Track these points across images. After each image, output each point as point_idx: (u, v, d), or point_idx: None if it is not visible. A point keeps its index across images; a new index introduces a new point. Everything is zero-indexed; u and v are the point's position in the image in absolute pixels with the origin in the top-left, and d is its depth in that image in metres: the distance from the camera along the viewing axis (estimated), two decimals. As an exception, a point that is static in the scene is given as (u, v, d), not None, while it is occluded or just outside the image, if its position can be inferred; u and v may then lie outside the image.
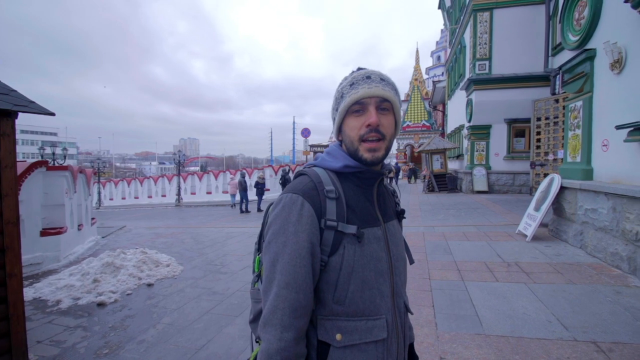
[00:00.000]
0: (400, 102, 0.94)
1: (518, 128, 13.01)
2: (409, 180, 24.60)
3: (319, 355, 0.85)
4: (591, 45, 4.99)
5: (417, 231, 6.90)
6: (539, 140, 10.33)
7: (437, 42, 49.11)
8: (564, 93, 8.00)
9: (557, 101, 9.29)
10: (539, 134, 10.25)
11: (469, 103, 13.77)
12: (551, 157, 9.89)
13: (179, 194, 20.91)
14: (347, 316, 0.85)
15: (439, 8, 23.22)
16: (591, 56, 4.90)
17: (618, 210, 4.20)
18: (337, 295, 0.84)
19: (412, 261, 1.08)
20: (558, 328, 2.82)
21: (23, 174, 5.36)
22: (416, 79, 35.79)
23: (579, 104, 5.32)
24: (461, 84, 15.33)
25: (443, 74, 31.79)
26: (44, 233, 5.71)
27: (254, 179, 14.57)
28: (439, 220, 8.25)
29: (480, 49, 12.74)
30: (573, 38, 5.44)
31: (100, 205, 24.52)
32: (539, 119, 10.18)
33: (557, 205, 5.91)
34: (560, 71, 5.85)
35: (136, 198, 26.71)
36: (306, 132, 22.79)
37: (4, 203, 2.54)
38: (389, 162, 1.04)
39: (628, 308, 3.12)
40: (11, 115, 2.57)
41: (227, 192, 17.94)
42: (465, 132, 14.86)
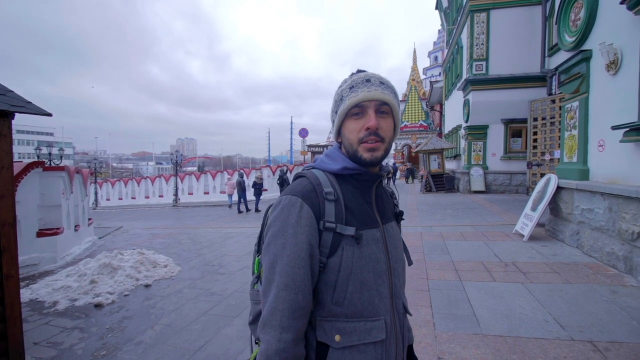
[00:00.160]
0: (399, 105, 0.95)
1: (515, 128, 13.07)
2: (407, 180, 24.66)
3: (318, 356, 0.85)
4: (587, 46, 5.02)
5: (415, 231, 6.91)
6: (535, 141, 10.39)
7: (435, 42, 49.21)
8: (560, 93, 8.04)
9: (554, 101, 9.35)
10: (535, 134, 10.31)
11: (466, 103, 13.82)
12: (548, 157, 9.95)
13: (176, 194, 20.84)
14: (345, 317, 0.85)
15: (436, 9, 23.29)
16: (587, 57, 4.93)
17: (614, 210, 4.24)
18: (335, 297, 0.85)
19: (410, 262, 1.08)
20: (555, 327, 2.84)
21: (19, 175, 5.33)
22: (414, 79, 35.89)
23: (575, 104, 5.36)
24: (458, 84, 15.39)
25: (440, 74, 31.88)
26: (41, 234, 5.68)
27: (251, 179, 14.56)
28: (436, 220, 8.28)
29: (478, 49, 12.79)
30: (569, 39, 5.48)
31: (97, 206, 24.41)
32: (535, 119, 10.24)
33: (553, 205, 5.94)
34: (557, 72, 5.89)
35: (133, 198, 26.60)
36: (304, 132, 22.79)
37: (1, 204, 2.52)
38: (387, 163, 1.04)
39: (624, 307, 3.14)
40: (8, 115, 2.55)
41: (224, 193, 17.90)
42: (462, 132, 14.91)
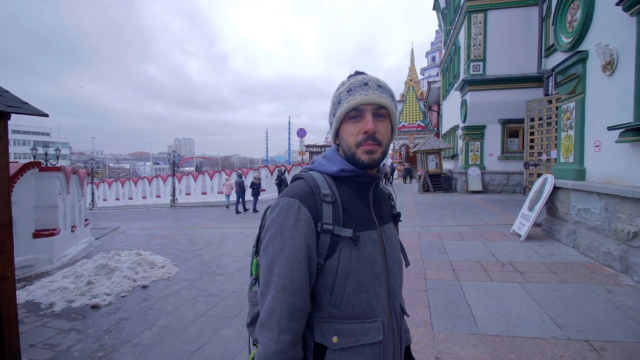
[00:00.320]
0: (397, 108, 0.96)
1: (512, 128, 13.12)
2: (405, 180, 24.71)
3: (316, 357, 0.86)
4: (583, 47, 5.05)
5: (413, 231, 6.93)
6: (532, 141, 10.44)
7: (432, 42, 49.37)
8: (556, 94, 8.08)
9: (550, 102, 9.39)
10: (532, 134, 10.36)
11: (464, 103, 13.87)
12: (544, 157, 10.00)
13: (173, 194, 20.77)
14: (343, 319, 0.86)
15: (433, 9, 23.35)
16: (583, 58, 4.96)
17: (610, 210, 4.26)
18: (333, 298, 0.85)
19: (407, 263, 1.09)
20: (552, 327, 2.86)
21: (15, 175, 5.29)
22: (411, 80, 35.99)
23: (572, 105, 5.39)
24: (456, 84, 15.44)
25: (438, 75, 32.00)
26: (37, 235, 5.64)
27: (249, 180, 14.54)
28: (434, 220, 8.30)
29: (475, 50, 12.84)
30: (566, 40, 5.51)
31: (93, 206, 24.30)
32: (532, 120, 10.28)
33: (550, 205, 5.97)
34: (554, 72, 5.92)
35: (130, 199, 26.51)
36: (302, 132, 22.78)
37: (-4, 205, 2.51)
38: (384, 164, 1.05)
39: (620, 307, 3.17)
40: (4, 116, 2.53)
41: (222, 193, 17.87)
42: (459, 132, 14.95)
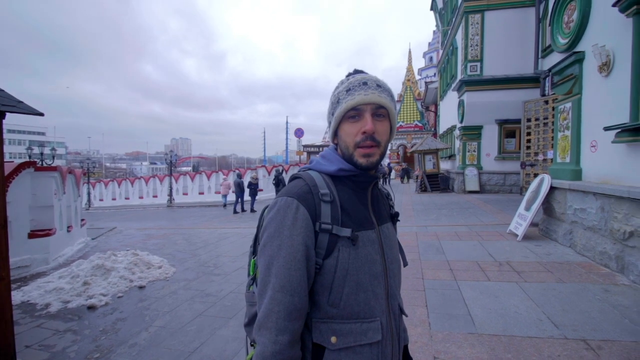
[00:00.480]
0: (396, 107, 0.95)
1: (509, 129, 13.18)
2: (402, 180, 24.75)
3: (314, 358, 0.85)
4: (580, 48, 5.07)
5: (410, 231, 6.94)
6: (529, 141, 10.48)
7: (429, 43, 49.50)
8: (553, 94, 8.13)
9: (547, 102, 9.44)
10: (529, 134, 10.41)
11: (461, 104, 13.91)
12: (541, 157, 10.05)
13: (170, 194, 20.70)
14: (341, 319, 0.85)
15: (431, 9, 23.41)
16: (580, 59, 4.98)
17: (606, 210, 4.29)
18: (331, 298, 0.85)
19: (405, 263, 1.09)
20: (549, 326, 2.87)
21: (10, 175, 5.25)
22: (409, 80, 36.05)
23: (568, 105, 5.41)
24: (453, 85, 15.48)
25: (435, 75, 32.08)
26: (32, 235, 5.60)
27: (247, 180, 14.51)
28: (431, 220, 8.32)
29: (472, 50, 12.88)
30: (562, 41, 5.53)
31: (89, 206, 24.16)
32: (529, 120, 10.33)
33: (547, 205, 6.00)
34: (550, 73, 5.95)
35: (127, 199, 26.39)
36: (299, 132, 22.75)
37: (-9, 205, 2.48)
38: (382, 164, 1.05)
39: (616, 306, 3.18)
40: (-2, 115, 2.51)
41: (219, 193, 17.84)
42: (457, 132, 15.00)
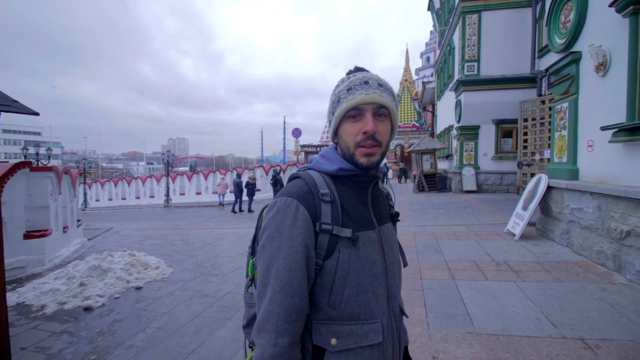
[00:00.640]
0: (397, 107, 0.94)
1: (506, 129, 13.23)
2: (400, 180, 24.79)
3: (314, 360, 0.84)
4: (577, 48, 5.10)
5: (408, 230, 6.94)
6: (525, 141, 10.55)
7: (427, 43, 49.58)
8: (549, 94, 8.17)
9: (543, 102, 9.49)
10: (525, 134, 10.47)
11: (458, 104, 13.95)
12: (537, 157, 10.11)
13: (167, 194, 20.61)
14: (342, 320, 0.84)
15: (428, 10, 23.47)
16: (577, 59, 5.01)
17: (603, 210, 4.31)
18: (332, 299, 0.84)
19: (405, 264, 1.08)
20: (547, 326, 2.87)
21: (5, 175, 5.19)
22: (406, 80, 36.14)
23: (565, 105, 5.44)
24: (450, 84, 15.52)
25: (432, 75, 32.16)
26: (28, 236, 5.55)
27: (244, 180, 14.47)
28: (429, 219, 8.33)
29: (469, 50, 12.92)
30: (559, 41, 5.56)
31: (86, 207, 24.02)
32: (525, 120, 10.39)
33: (544, 204, 6.02)
34: (547, 73, 5.97)
35: (123, 199, 26.27)
36: (297, 132, 22.73)
37: (-15, 206, 2.45)
38: (382, 164, 1.03)
39: (613, 305, 3.20)
40: (-8, 115, 2.48)
41: (216, 193, 17.78)
42: (454, 132, 15.04)
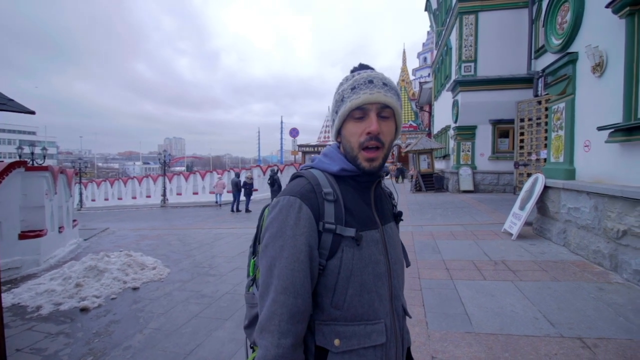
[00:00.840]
0: (402, 107, 0.93)
1: (502, 129, 13.29)
2: (397, 180, 24.84)
3: (317, 361, 0.83)
4: (573, 48, 5.12)
5: (406, 230, 6.95)
6: (522, 141, 10.59)
7: (424, 43, 49.75)
8: (546, 95, 8.21)
9: (540, 103, 9.54)
10: (522, 134, 10.51)
11: (455, 104, 13.99)
12: (534, 157, 10.15)
13: (164, 194, 20.52)
14: (345, 321, 0.83)
15: (425, 10, 23.50)
16: (573, 59, 5.03)
17: (600, 209, 4.33)
18: (335, 300, 0.83)
19: (408, 264, 1.07)
20: (545, 325, 2.88)
21: (0, 175, 5.14)
22: (403, 80, 36.24)
23: (562, 105, 5.47)
24: (447, 85, 15.57)
25: (429, 75, 32.29)
26: (23, 236, 5.50)
27: (241, 179, 14.45)
28: (426, 219, 8.35)
29: (466, 51, 12.96)
30: (556, 41, 5.58)
31: (81, 207, 23.86)
32: (522, 120, 10.43)
33: (541, 204, 6.05)
34: (544, 73, 6.00)
35: (119, 199, 26.12)
36: (294, 132, 22.72)
37: (-20, 206, 2.42)
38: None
39: (611, 304, 3.22)
40: (-13, 113, 2.45)
41: (213, 193, 17.72)
42: (451, 132, 15.08)
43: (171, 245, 7.23)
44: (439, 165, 18.52)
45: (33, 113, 2.64)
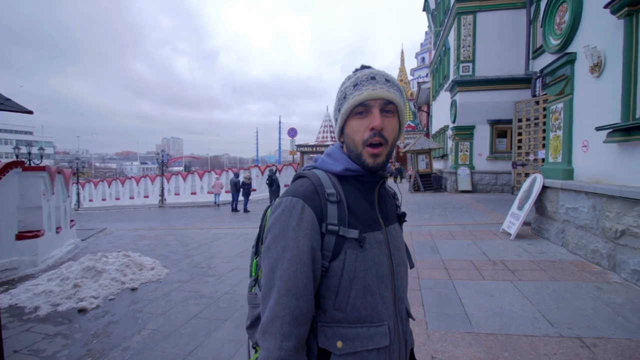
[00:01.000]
0: (405, 104, 0.93)
1: (500, 129, 13.33)
2: (395, 180, 24.88)
3: (320, 363, 0.83)
4: (572, 49, 5.14)
5: (405, 230, 6.89)
6: (520, 141, 10.62)
7: (422, 43, 49.80)
8: (544, 95, 8.23)
9: (538, 103, 9.57)
10: (520, 134, 10.54)
11: (453, 104, 14.02)
12: (532, 157, 10.18)
13: (162, 194, 20.46)
14: (348, 323, 0.83)
15: (423, 10, 23.53)
16: (572, 59, 5.05)
17: (598, 209, 4.35)
18: (338, 302, 0.82)
19: (412, 265, 1.07)
20: (544, 324, 2.89)
21: (-3, 175, 5.11)
22: (401, 80, 36.29)
23: (560, 105, 5.48)
24: (445, 85, 15.59)
25: (427, 75, 32.33)
26: (20, 236, 5.46)
27: (241, 179, 14.43)
28: (425, 219, 8.36)
29: (464, 51, 12.98)
30: (554, 42, 5.60)
31: (79, 207, 23.75)
32: (520, 120, 10.46)
33: (539, 204, 6.07)
34: (542, 74, 6.01)
35: (117, 199, 26.02)
36: (293, 132, 22.68)
37: (-23, 206, 2.40)
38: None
39: (609, 304, 3.23)
40: (-16, 113, 2.43)
41: (212, 193, 17.68)
42: (449, 132, 15.12)
43: (169, 246, 7.20)
44: (437, 165, 18.55)
45: (31, 113, 2.62)
